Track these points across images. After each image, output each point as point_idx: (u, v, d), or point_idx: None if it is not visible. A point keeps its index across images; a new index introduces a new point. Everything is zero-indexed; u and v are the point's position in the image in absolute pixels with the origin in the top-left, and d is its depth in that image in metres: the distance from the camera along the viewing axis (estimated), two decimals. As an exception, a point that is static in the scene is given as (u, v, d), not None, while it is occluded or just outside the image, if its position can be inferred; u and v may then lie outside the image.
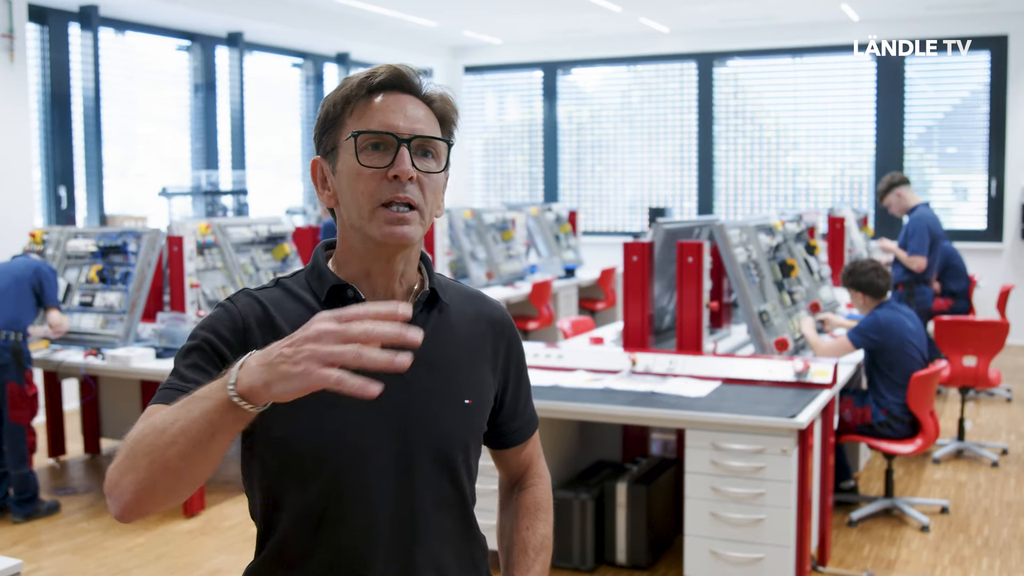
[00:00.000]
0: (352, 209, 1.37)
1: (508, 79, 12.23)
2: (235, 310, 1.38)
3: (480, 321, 1.51)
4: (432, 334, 1.42)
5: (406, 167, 1.33)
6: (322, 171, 1.42)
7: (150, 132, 8.89)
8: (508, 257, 8.31)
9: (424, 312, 1.44)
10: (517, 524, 1.60)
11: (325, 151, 1.41)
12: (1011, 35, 9.69)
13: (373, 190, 1.34)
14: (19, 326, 4.82)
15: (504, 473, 1.66)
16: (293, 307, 1.40)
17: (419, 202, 1.35)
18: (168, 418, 1.16)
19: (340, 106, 1.38)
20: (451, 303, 1.48)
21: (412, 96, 1.40)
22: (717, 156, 11.09)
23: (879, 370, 4.66)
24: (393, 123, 1.35)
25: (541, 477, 1.65)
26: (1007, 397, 7.45)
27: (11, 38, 6.80)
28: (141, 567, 4.32)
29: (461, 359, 1.46)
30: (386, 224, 1.34)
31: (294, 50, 10.31)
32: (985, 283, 9.19)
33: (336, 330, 1.08)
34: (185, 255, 5.51)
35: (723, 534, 3.70)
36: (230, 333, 1.36)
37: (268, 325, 1.37)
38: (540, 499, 1.62)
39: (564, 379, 4.28)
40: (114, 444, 6.25)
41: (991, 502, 5.09)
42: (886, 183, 6.75)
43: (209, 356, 1.34)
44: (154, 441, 1.16)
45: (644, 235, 5.61)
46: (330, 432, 1.34)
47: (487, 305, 1.54)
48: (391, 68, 1.39)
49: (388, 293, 1.42)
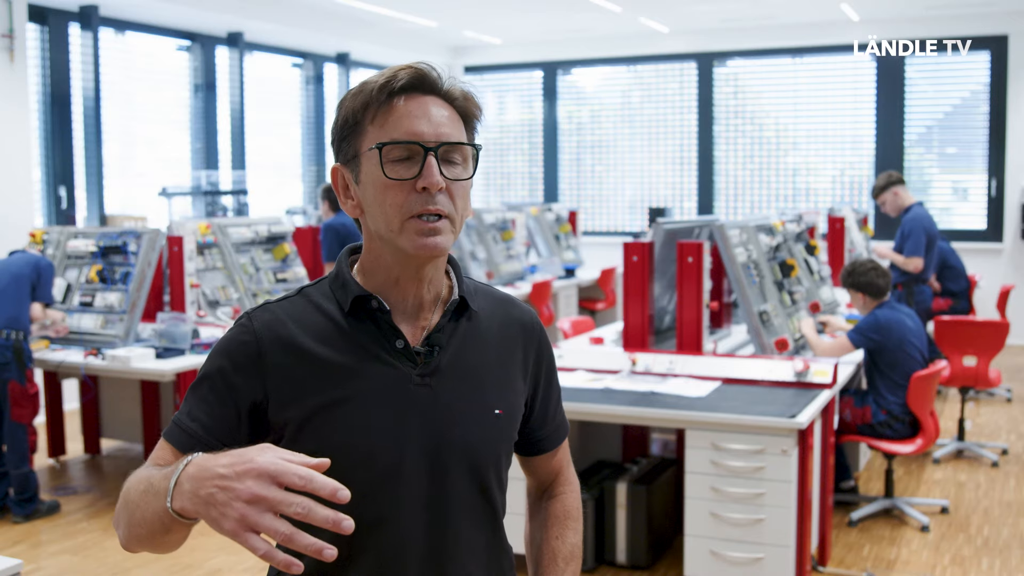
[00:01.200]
0: (380, 221, 1.32)
1: (508, 79, 12.23)
2: (251, 331, 1.34)
3: (511, 326, 1.47)
4: (461, 343, 1.40)
5: (436, 179, 1.29)
6: (344, 179, 1.37)
7: (150, 132, 8.89)
8: (508, 257, 8.31)
9: (453, 320, 1.40)
10: (546, 534, 1.57)
11: (346, 159, 1.35)
12: (1011, 35, 9.69)
13: (402, 202, 1.29)
14: (19, 324, 4.82)
15: (533, 480, 1.63)
16: (316, 319, 1.36)
17: (450, 211, 1.31)
18: (136, 499, 1.21)
19: (360, 112, 1.32)
20: (480, 309, 1.44)
21: (434, 96, 1.34)
22: (717, 156, 11.09)
23: (879, 370, 4.66)
24: (418, 130, 1.30)
25: (570, 484, 1.61)
26: (1007, 397, 7.45)
27: (11, 38, 6.80)
28: (141, 567, 4.32)
29: (490, 367, 1.43)
30: (418, 236, 1.30)
31: (294, 50, 10.31)
32: (985, 283, 9.19)
33: (271, 499, 1.03)
34: (185, 255, 5.51)
35: (723, 534, 3.70)
36: (244, 358, 1.32)
37: (288, 344, 1.33)
38: (570, 508, 1.59)
39: (564, 379, 4.28)
40: (114, 444, 6.25)
41: (991, 502, 5.09)
42: (884, 180, 6.75)
43: (218, 389, 1.32)
44: (128, 517, 1.23)
45: (644, 235, 5.62)
46: (361, 451, 1.31)
47: (517, 309, 1.51)
48: (412, 69, 1.33)
49: (416, 301, 1.38)
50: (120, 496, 1.26)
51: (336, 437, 1.31)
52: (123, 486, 1.26)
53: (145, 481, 1.21)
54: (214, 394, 1.32)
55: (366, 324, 1.35)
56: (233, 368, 1.32)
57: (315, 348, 1.33)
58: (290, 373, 1.32)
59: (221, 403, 1.31)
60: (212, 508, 1.06)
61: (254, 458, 1.05)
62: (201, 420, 1.31)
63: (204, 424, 1.31)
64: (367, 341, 1.35)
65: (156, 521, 1.16)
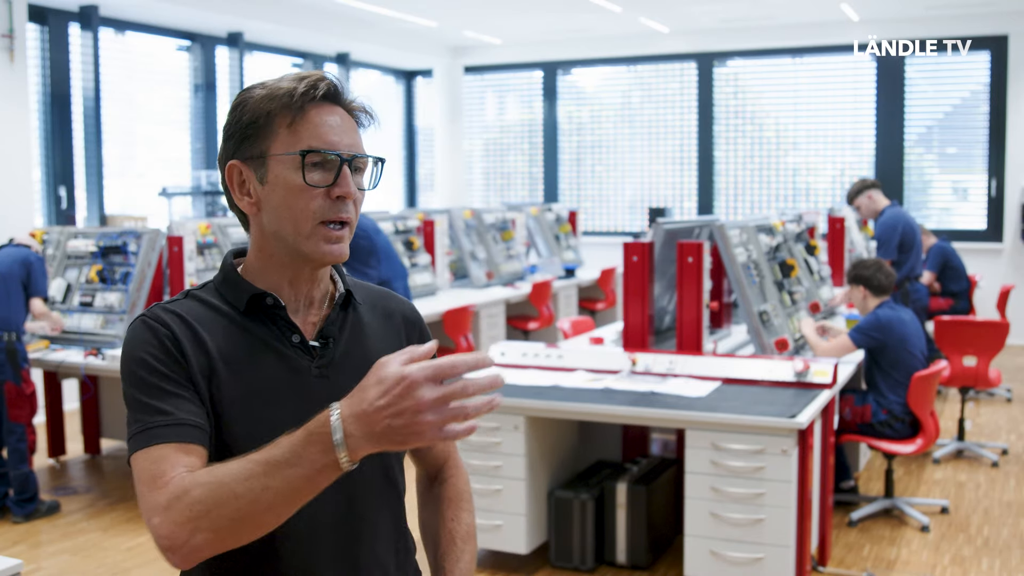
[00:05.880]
0: (287, 224, 1.36)
1: (508, 79, 12.23)
2: (158, 323, 1.35)
3: (392, 316, 1.55)
4: (350, 334, 1.47)
5: (351, 188, 1.36)
6: (241, 176, 1.39)
7: (150, 132, 8.89)
8: (508, 257, 8.31)
9: (342, 312, 1.47)
10: (442, 516, 1.60)
11: (248, 157, 1.38)
12: (1011, 35, 9.69)
13: (315, 208, 1.35)
14: (11, 325, 4.80)
15: (422, 467, 1.67)
16: (213, 317, 1.39)
17: (352, 219, 1.38)
18: (252, 485, 1.17)
19: (273, 115, 1.36)
20: (364, 302, 1.52)
21: (342, 108, 1.40)
22: (717, 156, 11.09)
23: (880, 369, 4.66)
24: (335, 141, 1.36)
25: (459, 467, 1.66)
26: (1007, 397, 7.45)
27: (11, 38, 6.80)
28: (141, 567, 4.32)
29: (379, 354, 1.41)
30: (324, 242, 1.36)
31: (294, 50, 10.31)
32: (985, 283, 9.19)
33: (446, 395, 1.13)
34: (185, 255, 5.51)
35: (723, 534, 3.70)
36: (162, 351, 1.32)
37: (194, 338, 1.35)
38: (461, 489, 1.63)
39: (564, 379, 4.28)
40: (114, 444, 6.25)
41: (991, 502, 5.09)
42: (857, 186, 6.70)
43: (167, 377, 1.31)
44: (246, 508, 1.18)
45: (644, 235, 5.62)
46: (264, 433, 1.28)
47: (396, 302, 1.58)
48: (327, 81, 1.38)
49: (308, 298, 1.44)
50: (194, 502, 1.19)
51: (241, 429, 1.34)
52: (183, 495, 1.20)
53: (254, 465, 1.18)
54: (161, 384, 1.31)
55: (261, 321, 1.40)
56: (157, 358, 1.32)
57: (217, 344, 1.36)
58: (198, 363, 1.33)
59: (175, 387, 1.31)
60: (395, 435, 1.13)
61: (401, 373, 1.13)
62: (174, 409, 1.29)
63: (183, 410, 1.29)
64: (264, 337, 1.40)
65: (306, 488, 1.17)
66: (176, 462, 1.25)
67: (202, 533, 1.19)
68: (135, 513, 5.01)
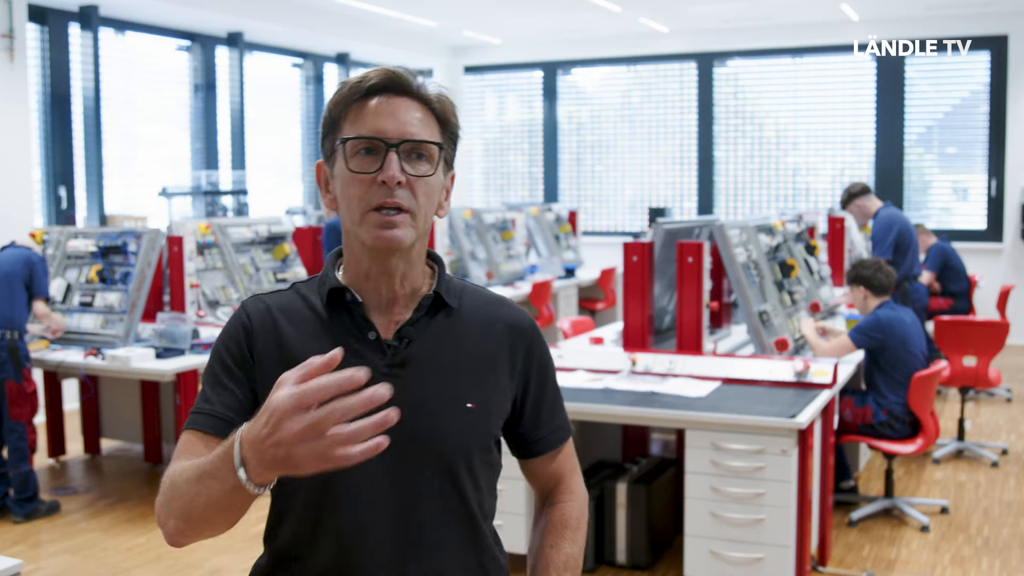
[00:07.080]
0: (346, 213, 1.40)
1: (508, 79, 12.23)
2: (245, 316, 1.44)
3: (495, 324, 1.49)
4: (435, 338, 1.44)
5: (392, 172, 1.35)
6: (324, 174, 1.45)
7: (150, 132, 8.89)
8: (508, 257, 8.31)
9: (427, 316, 1.44)
10: (543, 542, 1.55)
11: (326, 155, 1.43)
12: (1011, 35, 9.69)
13: (363, 195, 1.36)
14: (13, 324, 4.81)
15: (534, 486, 1.62)
16: (301, 311, 1.44)
17: (410, 205, 1.37)
18: (189, 488, 1.22)
19: (336, 111, 1.40)
20: (463, 307, 1.48)
21: (406, 98, 1.40)
22: (717, 156, 11.09)
23: (881, 369, 4.66)
24: (382, 127, 1.36)
25: (573, 494, 1.59)
26: (1007, 397, 7.45)
27: (11, 38, 6.80)
28: (141, 567, 4.32)
29: (466, 362, 1.45)
30: (375, 228, 1.36)
31: (294, 50, 10.31)
32: (985, 283, 9.19)
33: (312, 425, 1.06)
34: (185, 255, 5.51)
35: (723, 534, 3.70)
36: (239, 341, 1.42)
37: (273, 331, 1.42)
38: (568, 517, 1.56)
39: (564, 379, 4.28)
40: (114, 444, 6.25)
41: (991, 502, 5.09)
42: (844, 197, 6.65)
43: (223, 369, 1.41)
44: (183, 507, 1.23)
45: (644, 235, 5.62)
46: None
47: (506, 309, 1.52)
48: (384, 71, 1.41)
49: (390, 295, 1.43)
50: (163, 491, 1.28)
51: None
52: (163, 483, 1.28)
53: (193, 469, 1.22)
54: (221, 375, 1.40)
55: (342, 316, 1.43)
56: (229, 350, 1.41)
57: (294, 336, 1.41)
58: (272, 358, 1.40)
59: (231, 380, 1.39)
60: (282, 465, 1.10)
61: (273, 404, 1.09)
62: (216, 400, 1.38)
63: (221, 403, 1.38)
64: (342, 332, 1.41)
65: (225, 501, 1.18)
66: (191, 450, 1.33)
67: (172, 520, 1.26)
68: (135, 513, 5.01)
